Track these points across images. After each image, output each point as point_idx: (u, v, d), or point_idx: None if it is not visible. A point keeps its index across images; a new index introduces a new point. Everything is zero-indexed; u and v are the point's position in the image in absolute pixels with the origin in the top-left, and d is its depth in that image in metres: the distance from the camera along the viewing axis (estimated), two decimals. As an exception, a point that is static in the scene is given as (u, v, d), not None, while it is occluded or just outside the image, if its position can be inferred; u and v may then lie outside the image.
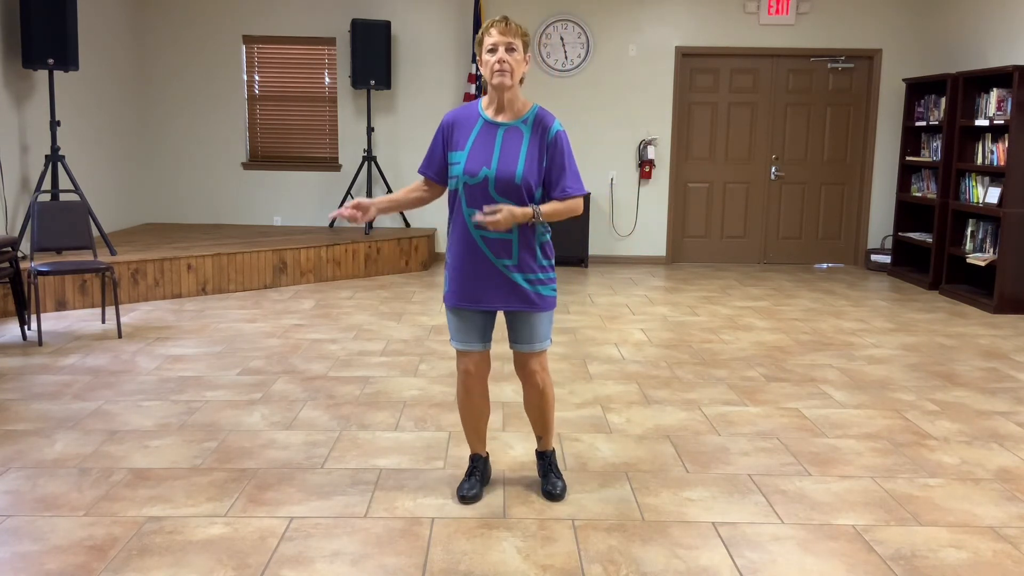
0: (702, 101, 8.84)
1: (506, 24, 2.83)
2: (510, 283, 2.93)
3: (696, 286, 7.67)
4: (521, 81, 2.91)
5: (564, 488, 3.13)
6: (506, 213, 2.77)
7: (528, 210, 2.83)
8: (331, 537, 2.82)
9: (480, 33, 2.88)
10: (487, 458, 3.23)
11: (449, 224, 2.99)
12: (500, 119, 2.91)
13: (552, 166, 2.91)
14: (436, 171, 3.00)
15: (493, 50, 2.83)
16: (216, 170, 8.84)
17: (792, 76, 8.81)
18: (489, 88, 2.89)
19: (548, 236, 3.00)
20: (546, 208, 2.88)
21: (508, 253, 2.91)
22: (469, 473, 3.17)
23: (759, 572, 2.63)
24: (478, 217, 2.78)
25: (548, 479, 3.16)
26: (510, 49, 2.82)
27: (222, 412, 4.04)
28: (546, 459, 3.21)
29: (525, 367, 3.05)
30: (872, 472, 3.43)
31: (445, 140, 2.95)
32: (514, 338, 3.03)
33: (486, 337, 3.03)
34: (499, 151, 2.86)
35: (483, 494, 3.15)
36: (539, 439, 3.21)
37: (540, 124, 2.90)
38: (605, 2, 8.62)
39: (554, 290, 3.01)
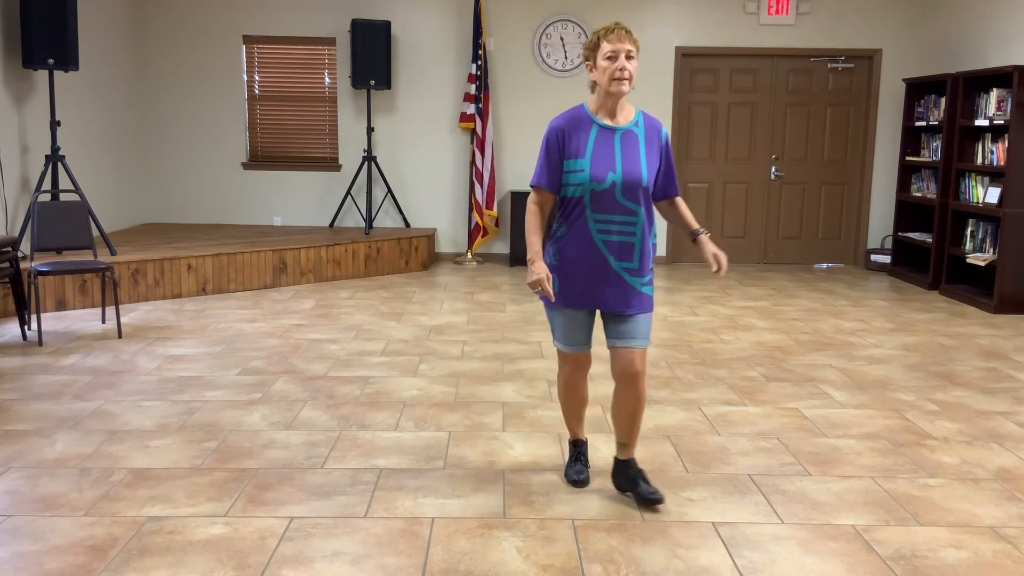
0: (702, 101, 8.84)
1: (624, 31, 2.84)
2: (627, 286, 2.95)
3: (696, 286, 7.67)
4: None
5: (663, 495, 3.08)
6: (722, 254, 2.96)
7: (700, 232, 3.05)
8: (331, 537, 2.82)
9: (594, 39, 2.89)
10: (586, 442, 3.36)
11: (560, 227, 2.98)
12: (614, 124, 2.92)
13: (666, 168, 3.01)
14: (556, 182, 2.96)
15: (613, 57, 2.83)
16: (216, 170, 8.84)
17: (792, 76, 8.81)
18: (601, 93, 2.90)
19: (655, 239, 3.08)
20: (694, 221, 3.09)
21: (631, 257, 2.94)
22: (575, 458, 3.26)
23: (759, 572, 2.63)
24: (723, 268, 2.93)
25: (643, 486, 3.06)
26: (629, 56, 2.84)
27: (222, 412, 4.04)
28: (633, 467, 3.12)
29: (631, 366, 2.96)
30: (872, 472, 3.43)
31: (561, 148, 2.92)
32: (619, 334, 2.97)
33: (591, 337, 3.10)
34: (620, 156, 2.88)
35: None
36: (623, 446, 3.12)
37: (652, 127, 2.96)
38: (605, 2, 8.62)
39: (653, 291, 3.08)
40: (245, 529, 2.86)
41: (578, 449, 3.29)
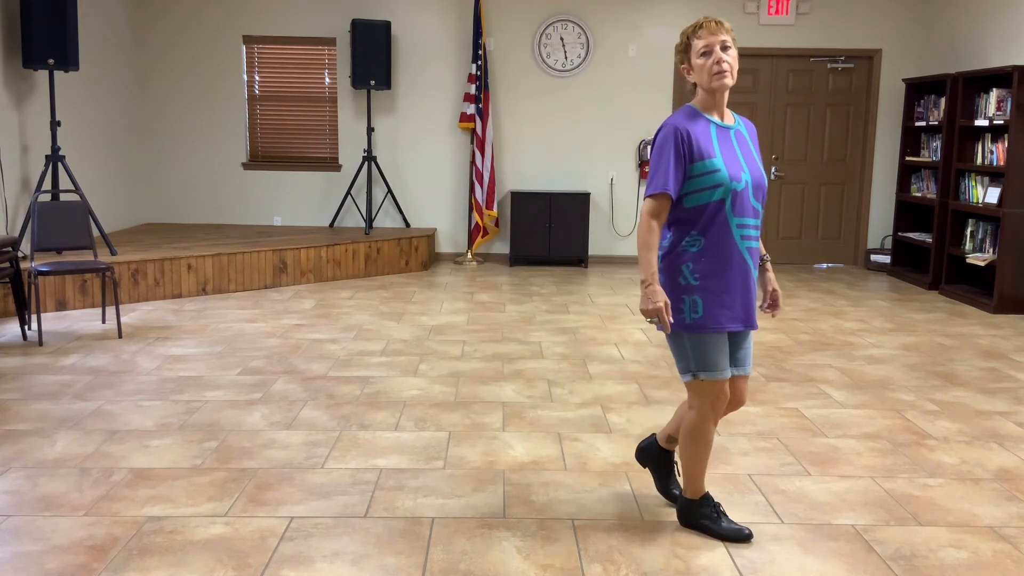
0: (702, 101, 8.83)
1: (716, 24, 2.64)
2: (755, 296, 2.75)
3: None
4: None
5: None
6: (779, 292, 2.86)
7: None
8: (331, 537, 2.82)
9: (683, 40, 2.70)
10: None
11: (690, 240, 2.69)
12: (725, 122, 2.75)
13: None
14: (681, 187, 2.68)
15: (707, 53, 2.64)
16: (216, 170, 8.84)
17: (792, 76, 8.81)
18: (702, 92, 2.70)
19: None
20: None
21: (756, 262, 2.77)
22: (719, 513, 2.87)
23: (759, 572, 2.63)
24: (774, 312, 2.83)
25: (675, 481, 3.09)
26: (725, 47, 2.64)
27: (222, 412, 4.04)
28: (672, 459, 3.10)
29: (743, 397, 2.86)
30: (872, 472, 3.43)
31: (687, 150, 2.65)
32: (739, 361, 2.81)
33: None
34: (742, 154, 2.71)
35: None
36: (673, 440, 3.08)
37: (750, 128, 2.83)
38: (605, 2, 8.62)
39: None
40: (245, 529, 2.86)
41: (715, 505, 2.88)
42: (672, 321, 2.67)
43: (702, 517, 2.87)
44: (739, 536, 2.81)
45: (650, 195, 2.66)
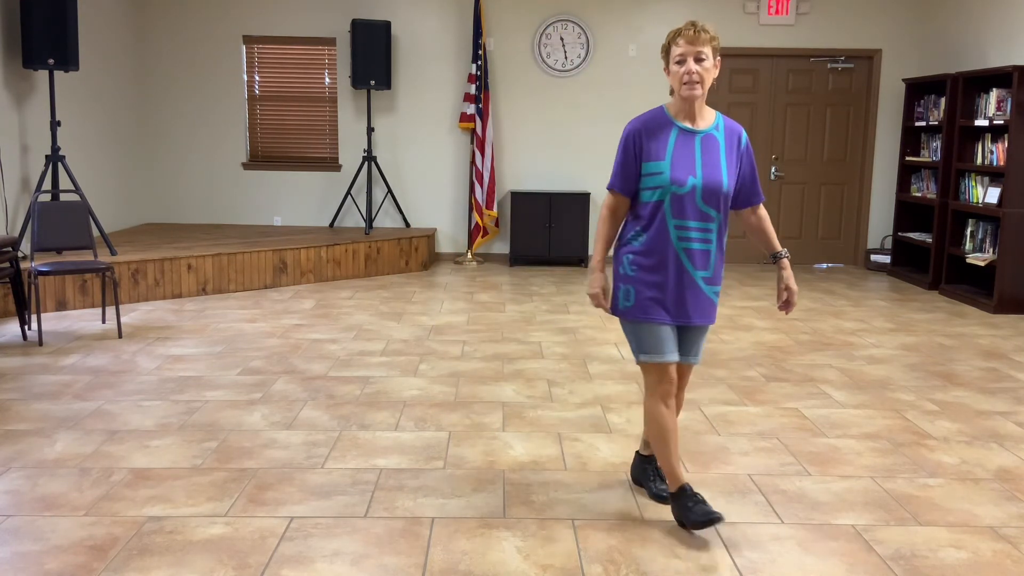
0: (702, 101, 8.82)
1: (695, 32, 2.73)
2: (702, 295, 2.86)
3: (696, 286, 7.66)
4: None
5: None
6: (795, 290, 2.94)
7: (783, 257, 2.97)
8: (331, 537, 2.82)
9: (667, 42, 2.81)
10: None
11: (635, 235, 2.87)
12: (694, 127, 2.83)
13: (746, 174, 2.91)
14: (631, 185, 2.86)
15: (681, 61, 2.75)
16: (216, 170, 8.84)
17: (792, 76, 8.81)
18: (677, 97, 2.82)
19: None
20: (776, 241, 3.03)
21: (707, 265, 2.85)
22: (696, 500, 2.87)
23: (759, 572, 2.63)
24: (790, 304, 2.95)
25: (660, 484, 3.16)
26: (699, 59, 2.74)
27: (222, 412, 4.04)
28: (654, 463, 3.21)
29: (683, 381, 3.04)
30: (872, 472, 3.44)
31: (637, 151, 2.83)
32: (682, 349, 2.95)
33: (676, 345, 2.91)
34: (701, 159, 2.80)
35: None
36: (648, 444, 3.19)
37: (732, 131, 2.87)
38: (605, 2, 8.62)
39: None
40: (245, 529, 2.86)
41: (691, 493, 2.90)
42: (609, 305, 2.93)
43: (682, 508, 2.91)
44: (715, 519, 2.78)
45: (607, 190, 2.89)
